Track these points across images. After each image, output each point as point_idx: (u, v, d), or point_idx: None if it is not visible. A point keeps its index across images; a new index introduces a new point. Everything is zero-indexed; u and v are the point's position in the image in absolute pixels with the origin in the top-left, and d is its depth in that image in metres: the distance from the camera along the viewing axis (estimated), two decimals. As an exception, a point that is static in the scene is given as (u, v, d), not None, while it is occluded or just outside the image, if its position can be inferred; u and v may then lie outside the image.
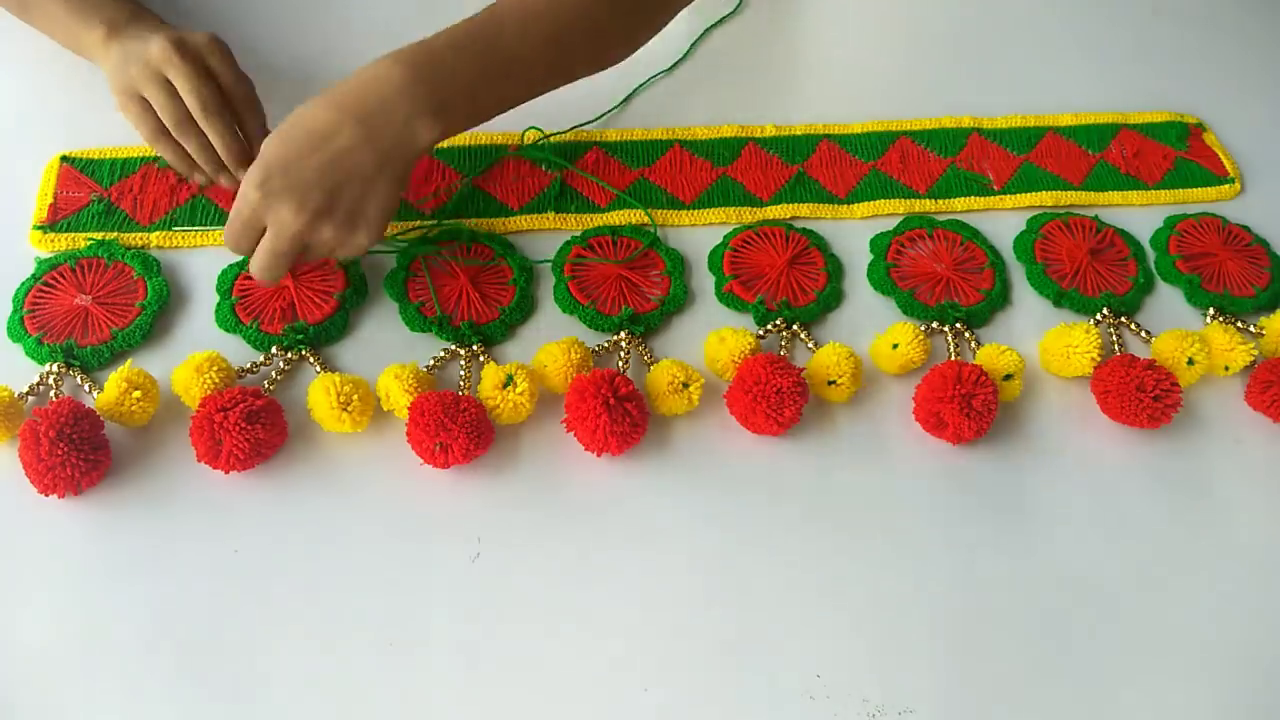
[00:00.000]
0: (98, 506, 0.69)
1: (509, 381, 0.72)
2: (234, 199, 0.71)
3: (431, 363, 0.77)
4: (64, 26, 0.84)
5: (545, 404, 0.75)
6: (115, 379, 0.69)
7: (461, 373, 0.77)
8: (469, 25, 0.75)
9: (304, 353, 0.77)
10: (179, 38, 0.78)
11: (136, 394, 0.69)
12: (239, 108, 0.81)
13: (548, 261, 0.84)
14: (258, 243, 0.72)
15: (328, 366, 0.76)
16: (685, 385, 0.74)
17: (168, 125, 0.79)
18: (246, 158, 0.80)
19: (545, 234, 0.87)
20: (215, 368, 0.71)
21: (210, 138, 0.79)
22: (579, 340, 0.76)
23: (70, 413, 0.66)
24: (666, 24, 0.87)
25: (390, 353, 0.76)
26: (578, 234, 0.86)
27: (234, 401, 0.68)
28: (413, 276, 0.81)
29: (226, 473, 0.69)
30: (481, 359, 0.78)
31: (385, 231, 0.75)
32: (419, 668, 0.65)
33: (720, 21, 1.05)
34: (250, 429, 0.67)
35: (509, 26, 0.75)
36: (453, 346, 0.78)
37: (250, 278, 0.79)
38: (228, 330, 0.78)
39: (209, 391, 0.70)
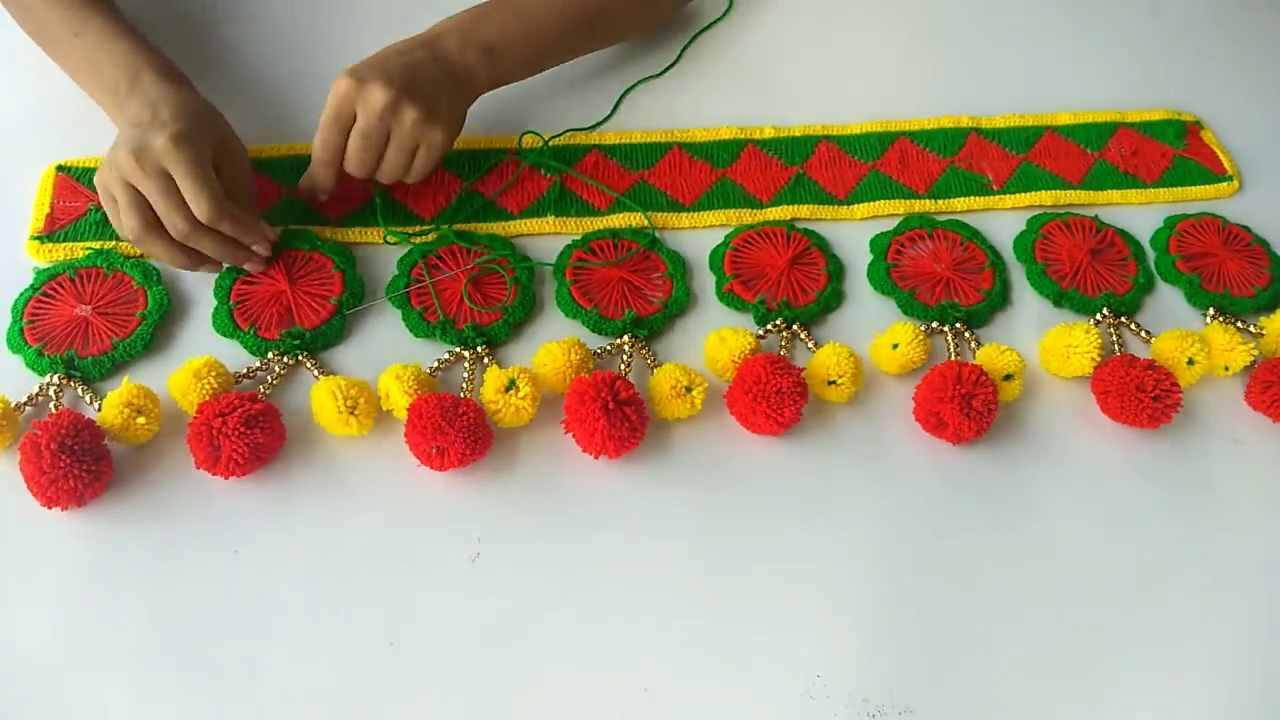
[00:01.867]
0: (98, 512, 0.69)
1: (511, 386, 0.72)
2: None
3: (436, 365, 0.77)
4: (85, 88, 0.84)
5: (546, 404, 0.75)
6: (116, 401, 0.69)
7: (465, 374, 0.77)
8: None
9: (300, 357, 0.77)
10: (140, 148, 0.72)
11: (140, 419, 0.69)
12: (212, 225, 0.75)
13: (550, 265, 0.84)
14: (345, 139, 0.79)
15: (324, 371, 0.76)
16: (688, 389, 0.74)
17: (125, 234, 0.74)
18: (244, 249, 0.78)
19: (545, 238, 0.87)
20: (213, 373, 0.71)
21: (200, 248, 0.76)
22: (580, 341, 0.76)
23: (71, 424, 0.66)
24: None
25: (390, 357, 0.76)
26: (578, 237, 0.86)
27: (231, 407, 0.68)
28: (413, 283, 0.81)
29: (226, 478, 0.69)
30: (486, 361, 0.78)
31: (454, 140, 0.83)
32: (419, 668, 0.65)
33: (709, 25, 1.05)
34: (249, 433, 0.67)
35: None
36: (457, 349, 0.78)
37: (239, 282, 0.80)
38: (225, 335, 0.78)
39: (207, 397, 0.70)
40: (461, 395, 0.74)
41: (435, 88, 0.80)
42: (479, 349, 0.78)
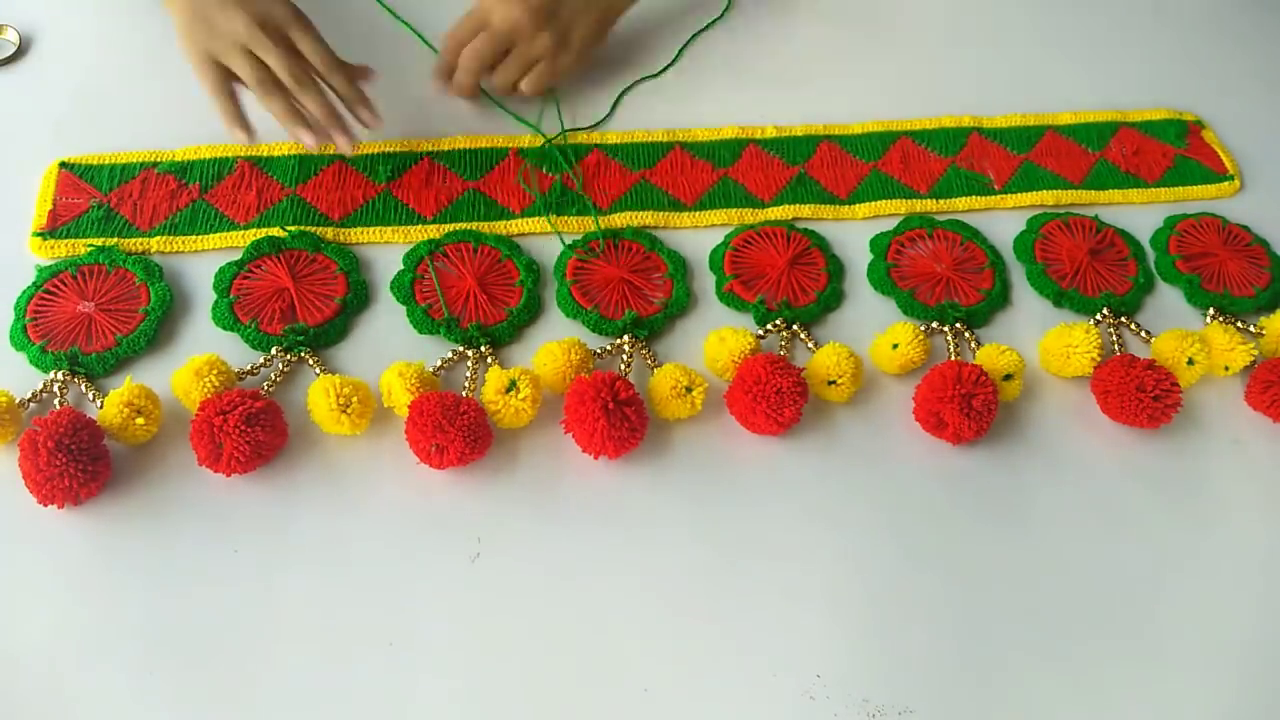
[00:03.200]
0: (98, 508, 0.69)
1: (511, 387, 0.72)
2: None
3: (439, 363, 0.77)
4: None
5: (546, 405, 0.75)
6: (116, 401, 0.69)
7: (468, 374, 0.77)
8: None
9: (303, 354, 0.77)
10: (262, 14, 0.80)
11: (140, 420, 0.69)
12: (326, 75, 0.83)
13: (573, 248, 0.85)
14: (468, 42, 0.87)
15: (327, 369, 0.76)
16: (689, 389, 0.74)
17: (253, 88, 0.81)
18: (342, 121, 0.83)
19: (547, 237, 0.87)
20: (215, 371, 0.72)
21: (306, 104, 0.82)
22: (580, 341, 0.77)
23: (70, 423, 0.66)
24: None
25: (394, 356, 0.76)
26: (579, 237, 0.86)
27: (233, 404, 0.68)
28: (419, 279, 0.82)
29: (228, 475, 0.69)
30: (489, 360, 0.78)
31: (582, 65, 0.91)
32: (419, 668, 0.65)
33: (709, 25, 1.05)
34: (250, 431, 0.67)
35: None
36: (460, 348, 0.78)
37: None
38: (225, 329, 0.78)
39: (208, 395, 0.70)
40: (464, 395, 0.74)
41: (576, 15, 0.89)
42: (483, 349, 0.78)
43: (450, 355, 0.78)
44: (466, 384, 0.76)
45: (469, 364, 0.78)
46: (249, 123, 0.81)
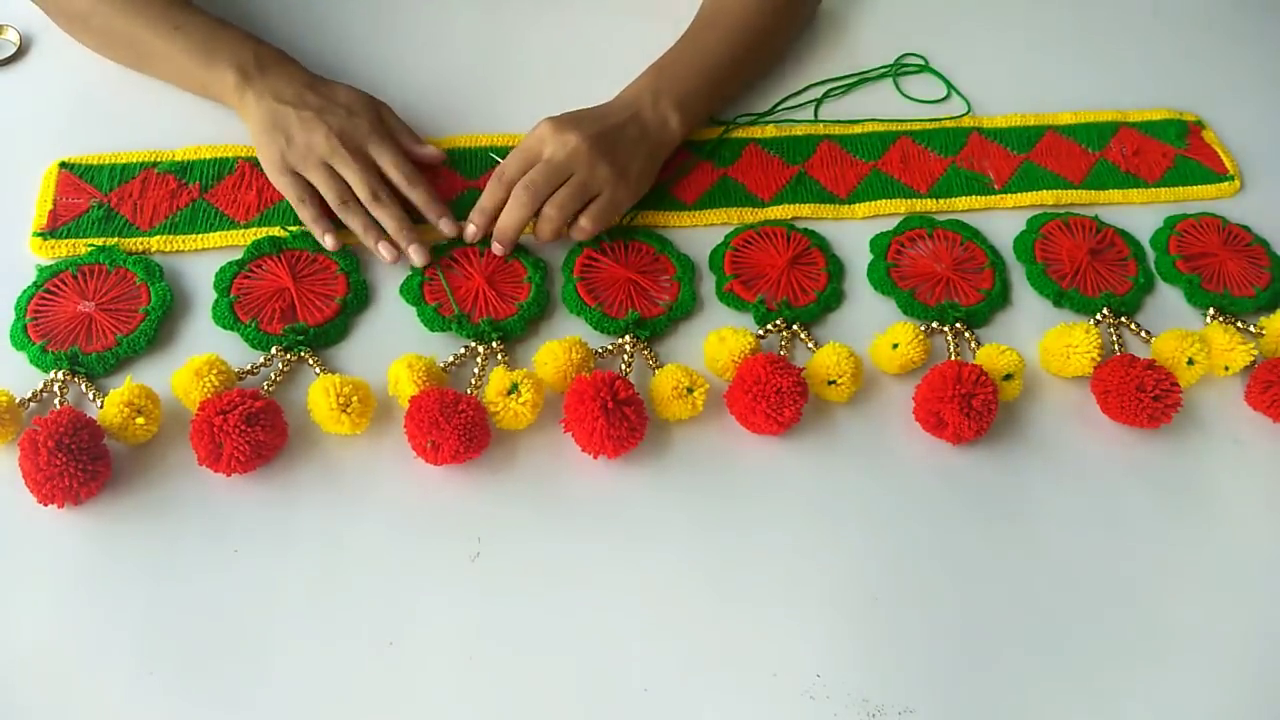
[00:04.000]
0: (97, 508, 0.69)
1: (513, 390, 0.72)
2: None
3: (451, 359, 0.77)
4: (189, 74, 0.87)
5: (546, 404, 0.75)
6: (117, 401, 0.69)
7: (476, 371, 0.77)
8: (685, 42, 0.92)
9: (303, 354, 0.77)
10: (342, 129, 0.81)
11: (140, 420, 0.69)
12: (404, 190, 0.83)
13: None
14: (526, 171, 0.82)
15: (328, 369, 0.76)
16: (689, 390, 0.74)
17: (332, 205, 0.81)
18: (416, 234, 0.82)
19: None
20: (215, 370, 0.72)
21: (381, 220, 0.81)
22: (581, 340, 0.77)
23: (70, 423, 0.66)
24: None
25: (398, 354, 0.76)
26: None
27: (233, 404, 0.68)
28: (427, 281, 0.82)
29: (228, 475, 0.69)
30: (500, 356, 0.78)
31: (635, 201, 0.86)
32: (419, 668, 0.65)
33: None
34: (250, 431, 0.67)
35: (713, 39, 0.92)
36: (471, 343, 0.79)
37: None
38: (225, 328, 0.78)
39: (208, 394, 0.70)
40: (470, 392, 0.74)
41: (632, 149, 0.84)
42: (494, 344, 0.78)
43: (462, 351, 0.78)
44: (474, 381, 0.76)
45: (479, 360, 0.78)
46: (333, 228, 0.82)
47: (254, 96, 0.83)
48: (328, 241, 0.81)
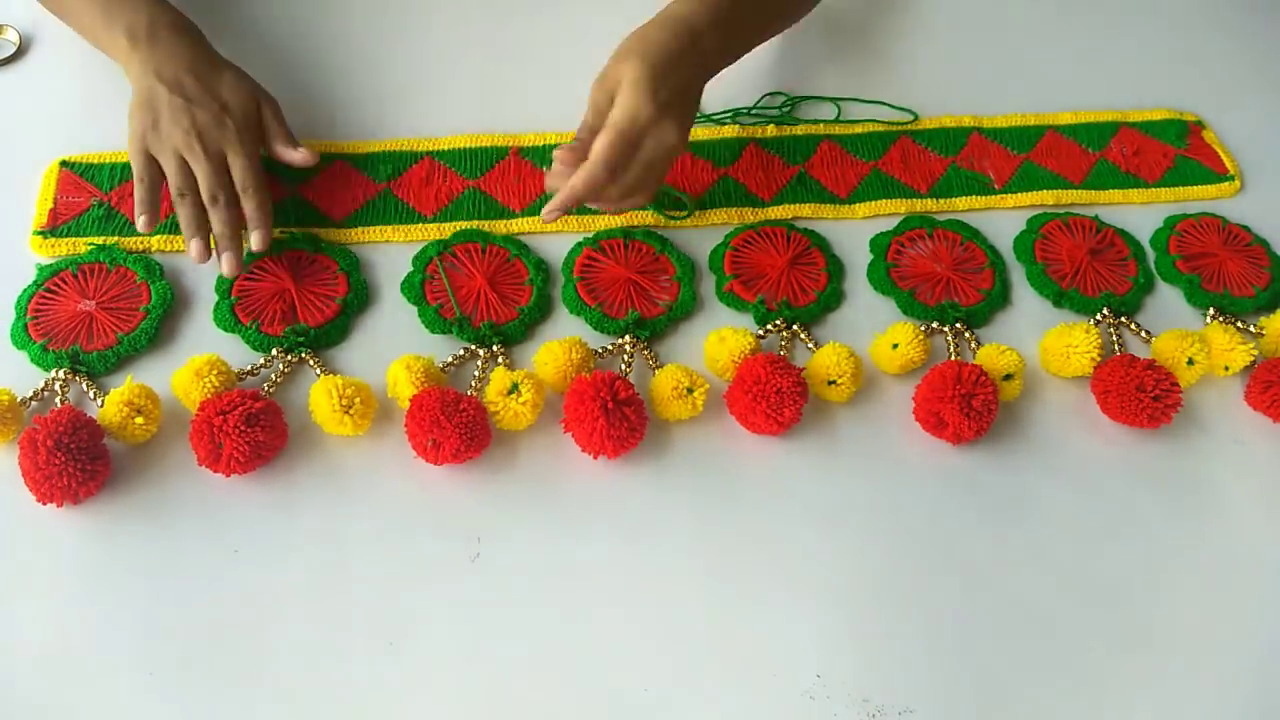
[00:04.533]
0: (97, 507, 0.69)
1: (513, 390, 0.72)
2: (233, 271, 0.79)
3: (450, 360, 0.77)
4: (90, 30, 0.86)
5: (547, 404, 0.75)
6: (116, 400, 0.69)
7: (476, 373, 0.77)
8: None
9: (303, 354, 0.77)
10: (202, 127, 0.79)
11: (139, 419, 0.69)
12: (242, 194, 0.80)
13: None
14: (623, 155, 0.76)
15: (328, 369, 0.76)
16: (689, 390, 0.74)
17: (170, 191, 0.79)
18: (236, 245, 0.79)
19: (553, 236, 0.87)
20: (215, 371, 0.72)
21: (213, 221, 0.79)
22: (581, 340, 0.77)
23: (69, 422, 0.66)
24: None
25: (398, 355, 0.76)
26: (589, 235, 0.86)
27: (233, 405, 0.68)
28: (429, 280, 0.82)
29: (227, 475, 0.69)
30: (500, 358, 0.78)
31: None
32: (419, 668, 0.65)
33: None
34: (250, 432, 0.67)
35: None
36: (472, 346, 0.79)
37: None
38: (226, 330, 0.78)
39: (208, 395, 0.70)
40: (470, 393, 0.74)
41: (687, 89, 0.79)
42: (494, 347, 0.78)
43: (461, 353, 0.78)
44: (474, 382, 0.76)
45: (479, 362, 0.78)
46: (156, 215, 0.79)
47: (138, 66, 0.81)
48: (140, 222, 0.79)
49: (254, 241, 0.80)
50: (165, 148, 0.79)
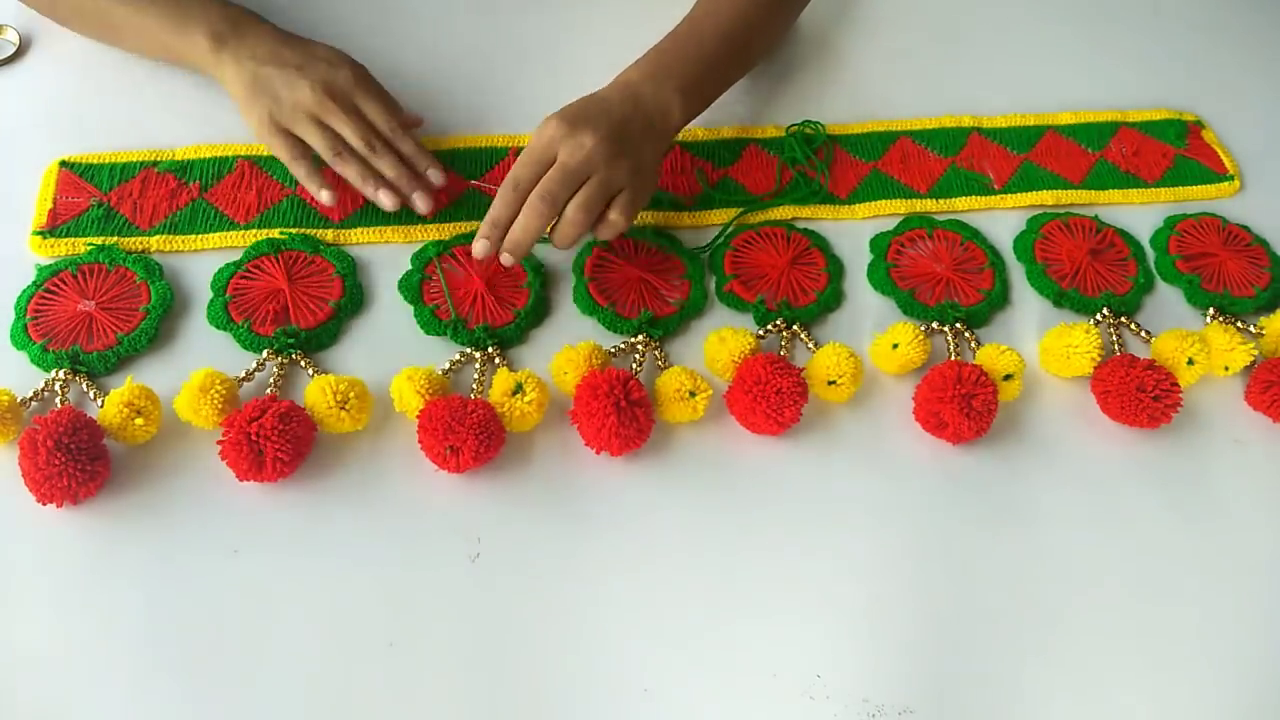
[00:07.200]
0: (97, 508, 0.69)
1: (518, 389, 0.72)
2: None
3: (448, 365, 0.77)
4: (161, 43, 0.86)
5: (549, 404, 0.75)
6: (116, 401, 0.69)
7: (476, 376, 0.77)
8: (683, 29, 0.87)
9: (294, 356, 0.77)
10: (327, 83, 0.81)
11: (139, 420, 0.69)
12: (391, 139, 0.83)
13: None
14: (539, 179, 0.76)
15: (320, 371, 0.76)
16: (692, 394, 0.74)
17: (325, 158, 0.81)
18: (419, 181, 0.82)
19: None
20: (218, 382, 0.71)
21: (381, 168, 0.82)
22: (600, 346, 0.76)
23: (69, 422, 0.66)
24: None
25: (391, 357, 0.76)
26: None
27: (261, 410, 0.68)
28: (427, 280, 0.82)
29: (274, 481, 0.69)
30: (497, 362, 0.78)
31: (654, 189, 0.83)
32: (419, 668, 0.65)
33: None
34: (288, 429, 0.67)
35: (711, 26, 0.87)
36: (468, 349, 0.78)
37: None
38: (218, 327, 0.78)
39: (219, 407, 0.70)
40: (472, 396, 0.74)
41: (641, 139, 0.80)
42: (490, 350, 0.78)
43: (458, 357, 0.78)
44: (475, 386, 0.76)
45: (477, 366, 0.78)
46: (332, 188, 0.81)
47: (231, 60, 0.82)
48: (324, 197, 0.80)
49: (434, 178, 0.82)
50: (299, 118, 0.80)
